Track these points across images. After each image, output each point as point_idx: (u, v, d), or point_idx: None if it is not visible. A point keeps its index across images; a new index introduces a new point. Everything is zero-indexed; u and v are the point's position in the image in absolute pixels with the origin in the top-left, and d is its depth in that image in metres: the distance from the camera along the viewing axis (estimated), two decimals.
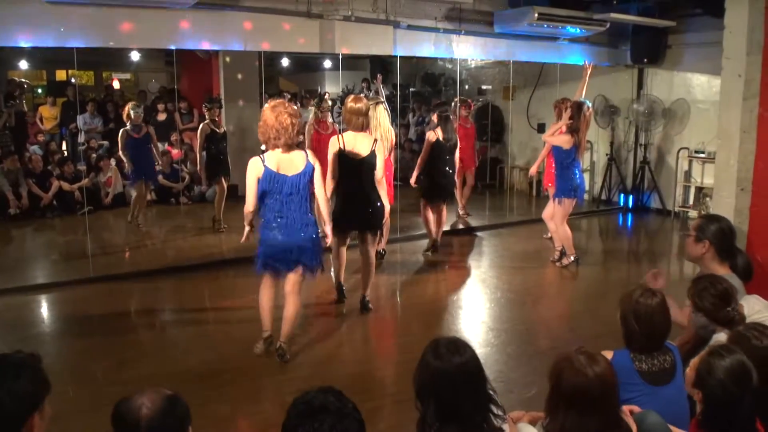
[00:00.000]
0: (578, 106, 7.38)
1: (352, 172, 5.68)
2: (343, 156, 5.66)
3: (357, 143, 5.67)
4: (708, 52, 8.98)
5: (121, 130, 8.98)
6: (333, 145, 5.69)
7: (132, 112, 8.85)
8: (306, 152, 4.82)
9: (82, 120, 11.45)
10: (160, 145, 11.79)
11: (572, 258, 7.58)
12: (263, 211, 4.79)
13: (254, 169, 4.66)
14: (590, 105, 7.71)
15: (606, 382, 2.38)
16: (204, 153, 9.03)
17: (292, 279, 4.92)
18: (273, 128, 4.61)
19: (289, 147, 4.68)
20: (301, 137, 6.50)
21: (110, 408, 2.05)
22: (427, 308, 6.33)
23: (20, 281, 6.91)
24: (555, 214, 7.54)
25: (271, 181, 4.65)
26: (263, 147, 4.87)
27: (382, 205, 5.82)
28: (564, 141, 7.33)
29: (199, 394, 4.26)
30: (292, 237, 4.75)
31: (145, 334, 5.75)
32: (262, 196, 4.71)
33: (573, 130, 7.33)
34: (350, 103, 5.74)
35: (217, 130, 8.95)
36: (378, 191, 5.75)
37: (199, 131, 9.01)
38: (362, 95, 6.80)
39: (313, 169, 4.77)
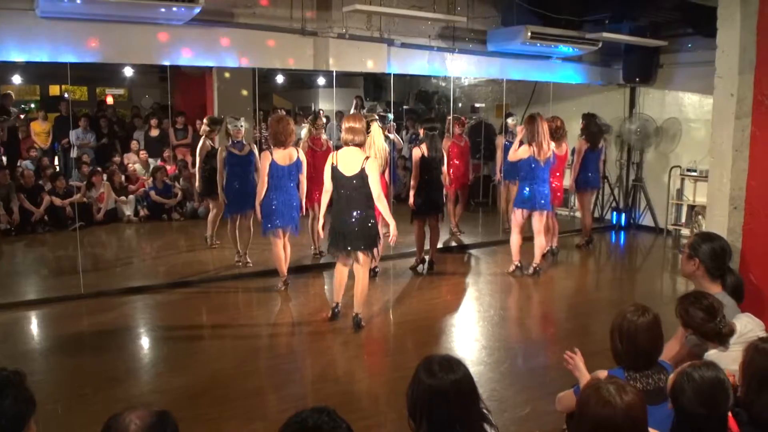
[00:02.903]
0: (530, 118, 7.68)
1: (343, 189, 5.78)
2: (335, 172, 5.77)
3: (348, 160, 5.75)
4: (699, 71, 9.05)
5: (219, 149, 7.98)
6: (328, 161, 5.89)
7: (230, 127, 7.75)
8: (298, 150, 6.92)
9: (74, 135, 11.43)
10: (151, 161, 11.83)
11: (515, 265, 7.88)
12: (267, 189, 6.70)
13: (266, 159, 6.69)
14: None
15: (634, 415, 2.25)
16: (202, 170, 8.45)
17: (286, 236, 6.95)
18: (282, 134, 6.69)
19: (288, 145, 6.75)
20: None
21: (99, 426, 2.02)
22: (419, 326, 6.30)
23: (10, 297, 6.84)
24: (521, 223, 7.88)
25: (273, 169, 6.66)
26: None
27: (374, 225, 5.86)
28: (522, 152, 7.63)
29: (190, 413, 4.22)
30: (284, 205, 6.76)
31: (135, 351, 5.70)
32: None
33: (529, 141, 7.59)
34: (345, 121, 5.90)
35: (217, 148, 8.77)
36: (369, 210, 5.78)
37: (199, 148, 8.42)
38: (356, 113, 6.97)
39: (301, 162, 6.91)
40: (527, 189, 7.69)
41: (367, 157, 5.77)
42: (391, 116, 9.36)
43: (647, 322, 2.91)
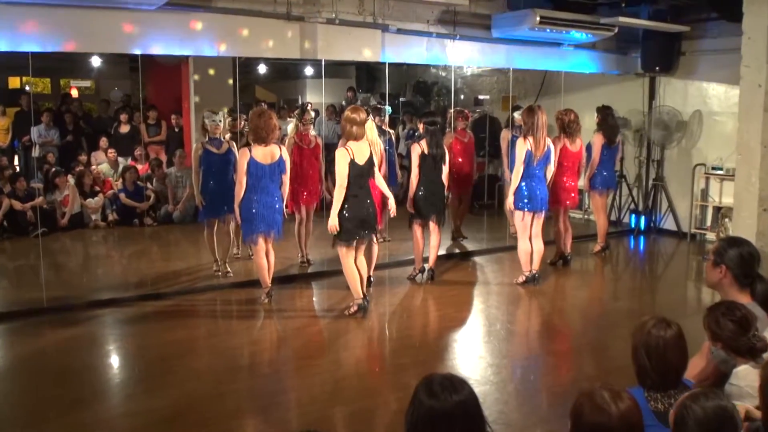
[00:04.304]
0: (529, 110, 7.73)
1: (359, 178, 6.53)
2: (354, 166, 6.46)
3: (360, 151, 6.53)
4: (725, 59, 9.09)
5: (194, 146, 8.05)
6: (344, 157, 6.45)
7: (207, 122, 7.76)
8: (281, 147, 6.97)
9: (36, 132, 11.40)
10: (121, 160, 11.81)
11: (525, 275, 7.86)
12: (246, 190, 6.74)
13: (243, 157, 6.73)
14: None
15: (630, 422, 2.34)
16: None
17: (269, 242, 7.00)
18: (263, 129, 6.74)
19: (270, 142, 6.79)
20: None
21: None
22: (418, 341, 6.30)
23: None
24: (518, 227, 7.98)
25: (253, 168, 6.71)
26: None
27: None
28: (519, 147, 7.70)
29: None
30: (266, 208, 6.82)
31: (103, 371, 5.69)
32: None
33: (525, 134, 7.67)
34: (348, 113, 6.65)
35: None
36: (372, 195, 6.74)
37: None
38: (357, 105, 7.20)
39: (285, 161, 6.95)
40: (525, 187, 7.72)
41: (370, 144, 6.67)
42: (389, 109, 9.38)
43: (674, 336, 2.92)
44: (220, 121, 7.82)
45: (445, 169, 7.86)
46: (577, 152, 8.69)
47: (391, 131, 9.73)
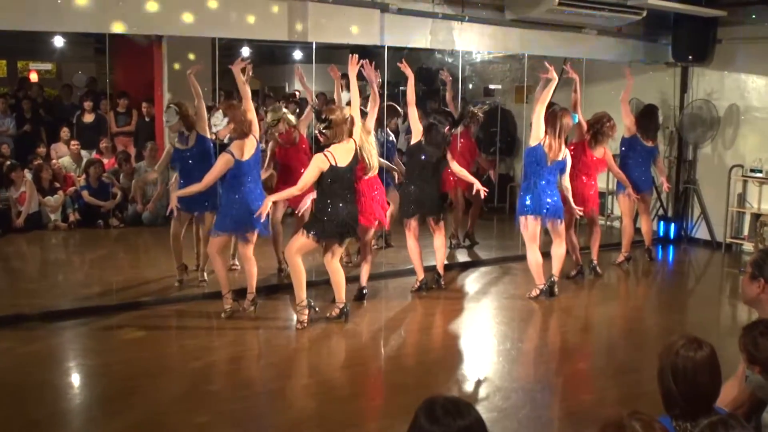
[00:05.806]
0: (551, 114, 7.79)
1: (341, 180, 6.69)
2: (334, 171, 6.61)
3: (345, 151, 6.71)
4: (766, 48, 9.11)
5: (168, 145, 8.21)
6: (321, 164, 6.59)
7: (165, 116, 7.79)
8: (256, 138, 7.01)
9: None
10: (85, 153, 11.79)
11: (539, 289, 7.85)
12: (227, 188, 7.03)
13: (225, 163, 6.82)
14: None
15: None
16: None
17: (249, 242, 7.09)
18: (244, 123, 6.85)
19: (250, 135, 6.93)
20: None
21: None
22: (418, 362, 6.31)
23: None
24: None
25: (236, 167, 6.84)
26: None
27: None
28: (536, 130, 7.73)
29: None
30: (249, 206, 6.87)
31: (62, 390, 5.67)
32: (226, 175, 6.95)
33: (548, 132, 7.71)
34: (327, 114, 6.70)
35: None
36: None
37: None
38: (332, 106, 7.35)
39: (262, 150, 7.31)
40: (530, 189, 7.75)
41: (354, 141, 6.81)
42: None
43: (706, 357, 2.92)
44: (172, 118, 7.59)
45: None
46: (601, 159, 8.67)
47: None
